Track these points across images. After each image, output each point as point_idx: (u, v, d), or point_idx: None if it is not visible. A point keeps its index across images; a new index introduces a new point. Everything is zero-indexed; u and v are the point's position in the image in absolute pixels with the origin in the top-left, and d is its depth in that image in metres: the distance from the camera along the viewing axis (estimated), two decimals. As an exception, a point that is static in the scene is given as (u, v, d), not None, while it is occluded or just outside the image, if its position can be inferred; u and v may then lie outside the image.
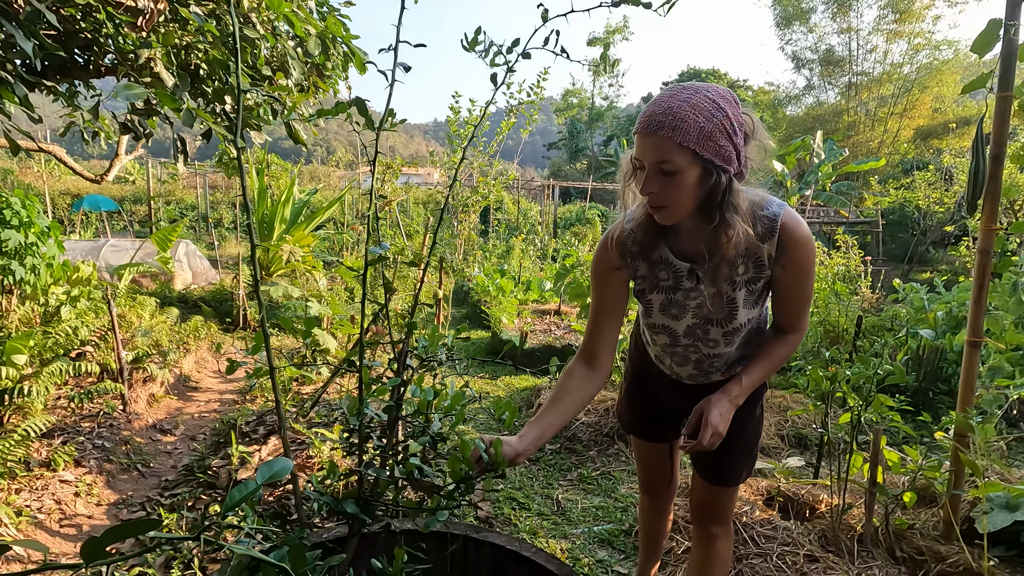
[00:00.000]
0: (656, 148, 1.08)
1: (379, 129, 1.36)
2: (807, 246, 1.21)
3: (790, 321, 1.32)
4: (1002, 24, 1.83)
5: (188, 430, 3.40)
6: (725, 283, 1.25)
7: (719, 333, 1.31)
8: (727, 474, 1.51)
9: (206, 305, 6.07)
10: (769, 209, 1.19)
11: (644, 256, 1.32)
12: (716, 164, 1.08)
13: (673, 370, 1.46)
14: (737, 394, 1.28)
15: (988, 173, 1.91)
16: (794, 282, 1.24)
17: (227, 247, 11.61)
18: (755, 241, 1.18)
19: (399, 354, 1.44)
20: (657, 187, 1.11)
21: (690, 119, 1.05)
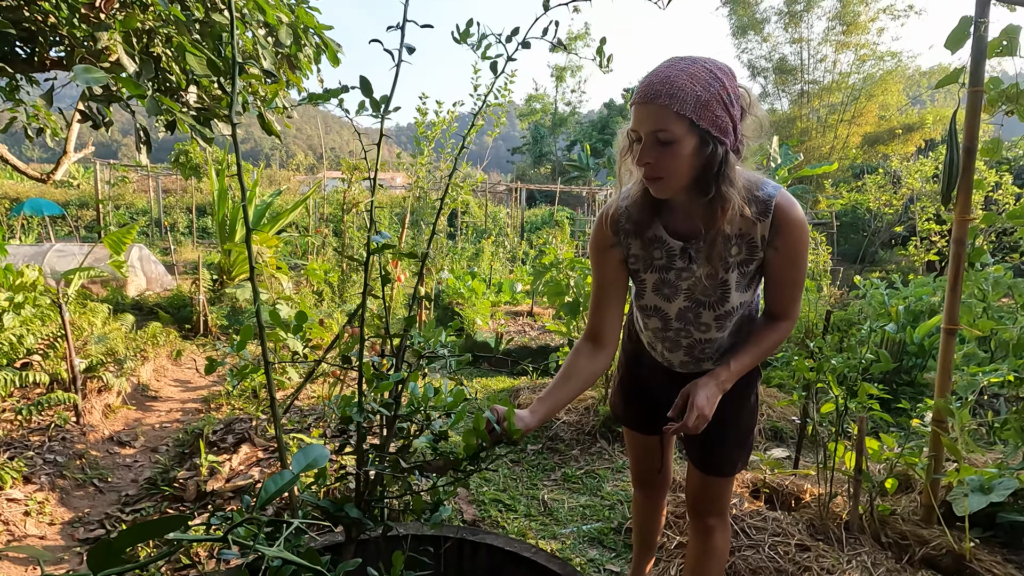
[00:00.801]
0: (653, 117, 1.07)
1: (383, 114, 1.29)
2: (801, 229, 1.20)
3: (781, 307, 1.31)
4: (972, 21, 1.90)
5: (149, 442, 3.20)
6: (718, 263, 1.23)
7: (711, 316, 1.30)
8: (722, 464, 1.49)
9: (163, 311, 5.78)
10: (764, 190, 1.19)
11: (638, 234, 1.30)
12: (712, 135, 1.07)
13: (665, 356, 1.45)
14: (725, 378, 1.26)
15: (961, 165, 1.97)
16: (787, 265, 1.23)
17: (183, 252, 11.14)
18: (749, 221, 1.18)
19: (398, 349, 1.37)
20: (654, 157, 1.10)
21: (687, 88, 1.04)
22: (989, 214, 2.07)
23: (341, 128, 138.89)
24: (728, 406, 1.36)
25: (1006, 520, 2.13)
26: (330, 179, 14.98)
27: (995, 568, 1.89)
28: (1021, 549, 2.06)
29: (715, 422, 1.34)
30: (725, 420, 1.37)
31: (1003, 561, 1.95)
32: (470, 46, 1.57)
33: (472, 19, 1.54)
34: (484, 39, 1.57)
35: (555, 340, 5.07)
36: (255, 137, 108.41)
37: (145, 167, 13.19)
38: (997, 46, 1.94)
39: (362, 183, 7.15)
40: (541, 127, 33.53)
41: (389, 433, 1.38)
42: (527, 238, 13.13)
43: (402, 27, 1.29)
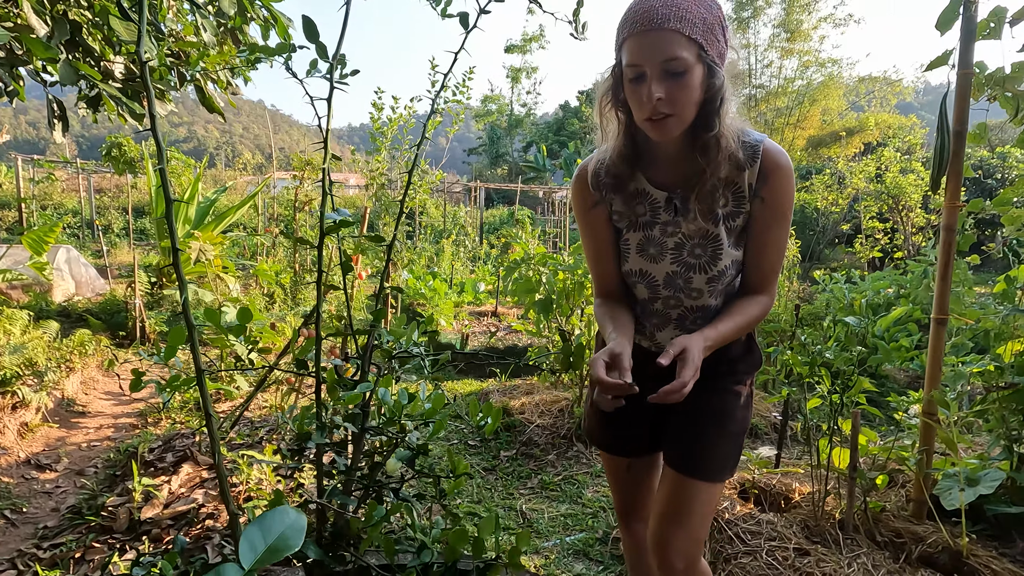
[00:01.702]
0: (662, 45, 0.96)
1: (332, 64, 1.08)
2: (788, 177, 1.11)
3: (760, 278, 1.19)
4: (962, 2, 1.84)
5: (74, 463, 2.83)
6: (707, 217, 1.13)
7: (703, 280, 1.19)
8: (708, 463, 1.20)
9: (94, 318, 5.28)
10: (750, 136, 1.11)
11: (618, 188, 1.21)
12: (716, 63, 1.00)
13: (654, 338, 1.28)
14: (711, 341, 1.07)
15: (952, 150, 1.92)
16: (771, 221, 1.13)
17: (118, 254, 10.38)
18: (737, 166, 1.09)
19: (364, 350, 1.17)
20: (664, 91, 0.98)
21: (693, 9, 0.97)
22: (976, 200, 2.03)
23: (290, 128, 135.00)
24: (722, 394, 1.25)
25: (994, 512, 2.10)
26: (279, 179, 14.34)
27: (993, 564, 1.83)
28: (1012, 542, 2.02)
29: (705, 410, 1.23)
30: (717, 414, 1.23)
31: (998, 556, 1.90)
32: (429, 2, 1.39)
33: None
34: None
35: (522, 340, 4.91)
36: (198, 136, 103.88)
37: (74, 163, 12.26)
38: (984, 28, 1.90)
39: (316, 181, 6.80)
40: (497, 128, 33.43)
41: (356, 451, 1.16)
42: (486, 239, 12.95)
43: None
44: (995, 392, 2.20)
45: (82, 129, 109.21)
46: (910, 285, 4.73)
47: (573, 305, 3.35)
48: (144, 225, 14.94)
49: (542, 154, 25.13)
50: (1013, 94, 2.01)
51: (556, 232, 12.24)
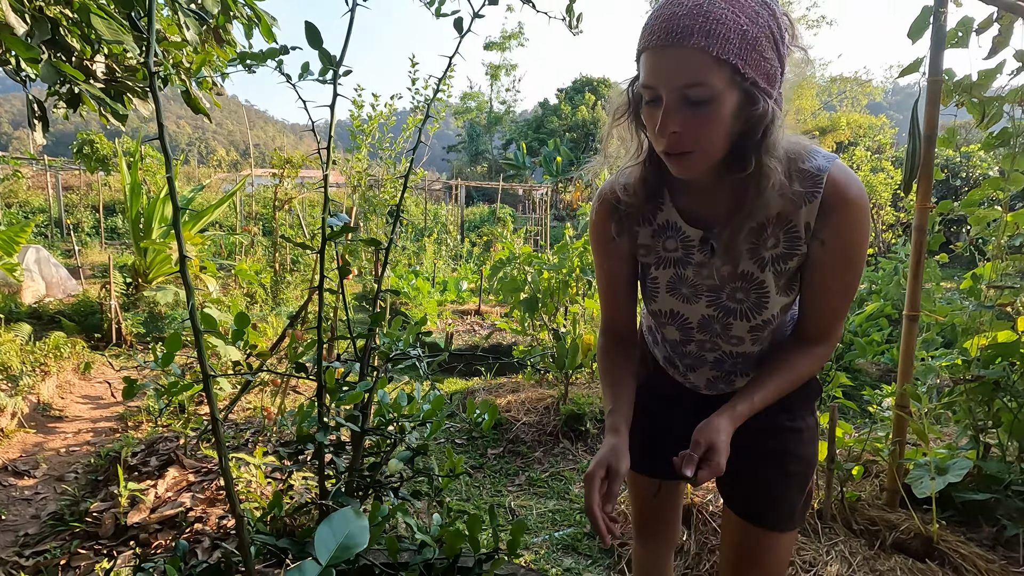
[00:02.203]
0: (682, 66, 0.75)
1: (335, 71, 1.10)
2: (859, 215, 0.87)
3: (820, 325, 0.97)
4: (933, 11, 1.92)
5: (53, 469, 2.78)
6: (748, 259, 0.94)
7: (744, 328, 1.01)
8: (776, 510, 1.08)
9: (67, 320, 5.15)
10: (813, 160, 0.87)
11: (645, 220, 1.02)
12: (760, 86, 0.78)
13: (687, 378, 1.16)
14: (743, 419, 0.93)
15: (922, 154, 2.00)
16: (836, 266, 0.91)
17: (89, 254, 10.12)
18: (792, 201, 0.87)
19: (363, 352, 1.18)
20: (681, 124, 0.79)
21: (729, 20, 0.74)
22: (946, 202, 2.12)
23: (265, 123, 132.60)
24: (779, 433, 1.09)
25: (962, 499, 2.20)
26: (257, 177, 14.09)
27: (961, 548, 1.93)
28: (979, 527, 2.12)
29: (762, 453, 1.08)
30: (776, 452, 1.08)
31: (966, 540, 2.00)
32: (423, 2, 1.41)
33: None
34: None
35: (507, 338, 4.94)
36: (169, 132, 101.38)
37: (41, 160, 11.90)
38: (953, 37, 1.98)
39: (296, 179, 6.72)
40: (476, 125, 33.40)
41: (357, 452, 1.18)
42: (467, 237, 12.94)
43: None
44: (962, 385, 2.31)
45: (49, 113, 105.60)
46: (881, 281, 4.89)
47: (558, 303, 3.39)
48: (115, 223, 14.58)
49: (522, 152, 25.19)
50: (980, 100, 2.11)
51: (537, 230, 12.30)
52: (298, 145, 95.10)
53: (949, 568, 1.87)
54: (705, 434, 0.89)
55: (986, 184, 2.21)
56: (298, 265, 6.93)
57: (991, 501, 2.15)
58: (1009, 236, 2.36)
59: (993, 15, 2.06)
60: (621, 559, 2.11)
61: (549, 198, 14.20)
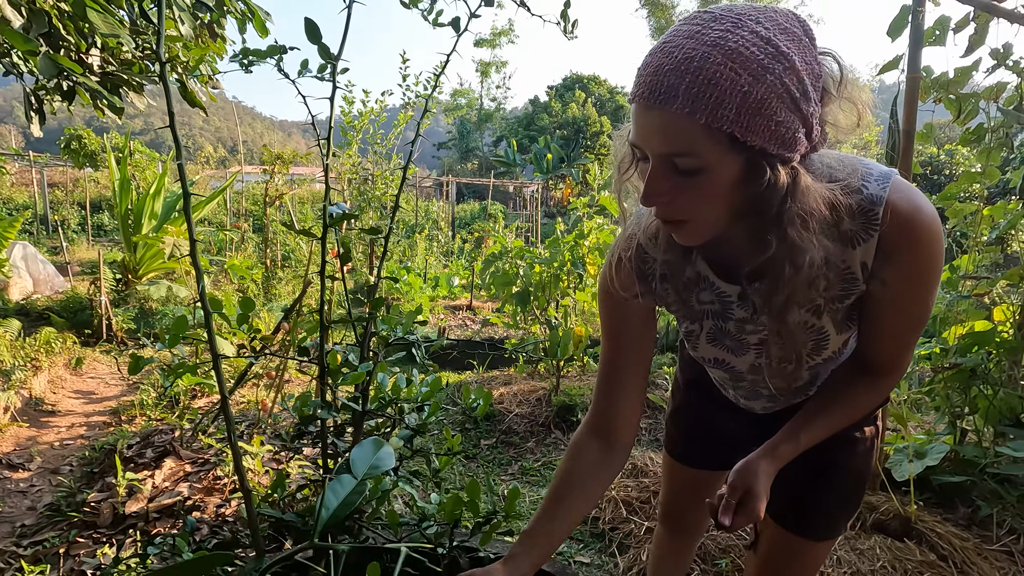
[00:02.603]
0: (666, 133, 0.65)
1: (334, 65, 1.13)
2: (929, 248, 0.72)
3: (885, 358, 0.85)
4: (911, 10, 1.99)
5: (47, 462, 2.79)
6: (800, 310, 0.80)
7: (801, 370, 0.90)
8: (816, 520, 1.02)
9: (57, 316, 5.13)
10: (866, 190, 0.72)
11: (672, 277, 0.88)
12: (770, 153, 0.64)
13: (741, 402, 1.09)
14: (785, 460, 0.86)
15: (902, 148, 2.07)
16: (903, 305, 0.78)
17: (76, 251, 10.02)
18: (843, 241, 0.74)
19: (363, 336, 1.22)
20: (669, 192, 0.69)
21: (724, 80, 0.61)
22: (923, 195, 2.19)
23: (253, 120, 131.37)
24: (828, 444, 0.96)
25: (939, 482, 2.29)
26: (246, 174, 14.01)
27: (937, 528, 2.01)
28: (955, 508, 2.21)
29: (807, 464, 0.96)
30: (824, 463, 1.01)
31: (943, 520, 2.08)
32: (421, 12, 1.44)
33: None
34: (435, 3, 1.45)
35: (499, 333, 4.99)
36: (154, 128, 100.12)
37: (26, 156, 11.75)
38: (931, 35, 2.05)
39: (286, 175, 6.72)
40: (467, 122, 33.39)
41: (357, 432, 1.23)
42: (458, 233, 12.97)
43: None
44: (940, 373, 2.39)
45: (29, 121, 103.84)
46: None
47: (549, 297, 3.44)
48: (102, 220, 14.43)
49: (512, 149, 25.23)
50: (956, 96, 2.18)
51: (528, 227, 12.36)
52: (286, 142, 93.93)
53: (926, 546, 1.95)
54: (743, 478, 0.82)
55: (962, 178, 2.29)
56: (289, 261, 6.93)
57: (967, 483, 2.24)
58: (986, 229, 2.44)
59: (970, 14, 2.13)
60: (612, 543, 2.16)
61: (540, 195, 14.26)
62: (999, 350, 2.33)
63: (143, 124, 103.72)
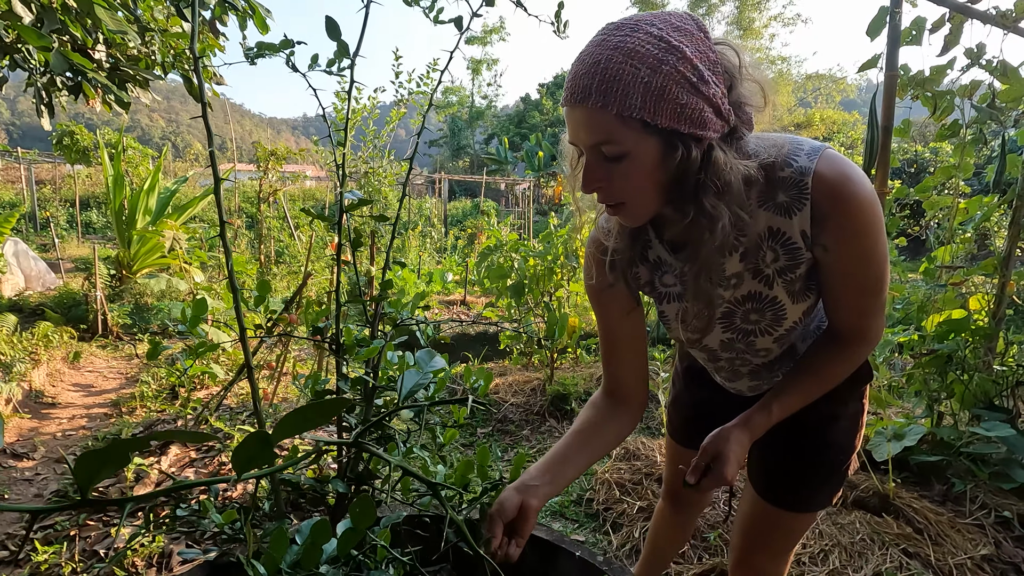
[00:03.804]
0: (588, 126, 0.75)
1: (353, 60, 1.20)
2: (860, 210, 0.78)
3: (851, 326, 0.89)
4: (889, 11, 2.09)
5: (51, 452, 2.83)
6: (752, 279, 0.89)
7: (768, 341, 0.96)
8: (798, 494, 1.07)
9: (51, 311, 5.13)
10: (794, 162, 0.79)
11: (641, 260, 0.97)
12: (682, 132, 0.73)
13: (728, 385, 1.16)
14: (759, 428, 0.91)
15: (880, 143, 2.17)
16: (849, 267, 0.83)
17: (67, 248, 9.96)
18: (778, 213, 0.82)
19: (374, 316, 1.30)
20: (603, 179, 0.78)
21: (626, 75, 0.71)
22: (901, 187, 2.29)
23: (243, 117, 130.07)
24: (815, 419, 1.04)
25: (916, 461, 2.40)
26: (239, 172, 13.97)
27: (913, 504, 2.11)
28: (931, 486, 2.32)
29: (793, 439, 1.05)
30: (809, 439, 1.05)
31: (919, 497, 2.18)
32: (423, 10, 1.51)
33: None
34: (436, 1, 1.52)
35: (492, 328, 5.06)
36: (142, 125, 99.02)
37: (13, 152, 11.64)
38: (908, 35, 2.15)
39: (280, 170, 6.75)
40: (458, 120, 33.38)
41: (368, 406, 1.30)
42: (451, 230, 13.02)
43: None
44: (919, 359, 2.50)
45: (12, 117, 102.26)
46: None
47: (543, 289, 3.52)
48: (90, 217, 14.33)
49: (504, 146, 25.27)
50: (932, 94, 2.29)
51: (520, 224, 12.43)
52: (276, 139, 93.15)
53: (903, 521, 2.06)
54: (715, 443, 0.89)
55: (939, 171, 2.39)
56: (283, 257, 6.95)
57: (943, 463, 2.35)
58: (960, 222, 2.55)
59: (945, 15, 2.24)
60: (606, 522, 2.25)
61: (531, 192, 14.33)
62: (974, 337, 2.45)
63: (129, 121, 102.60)
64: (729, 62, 0.77)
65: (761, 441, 1.08)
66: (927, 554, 1.89)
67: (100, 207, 14.53)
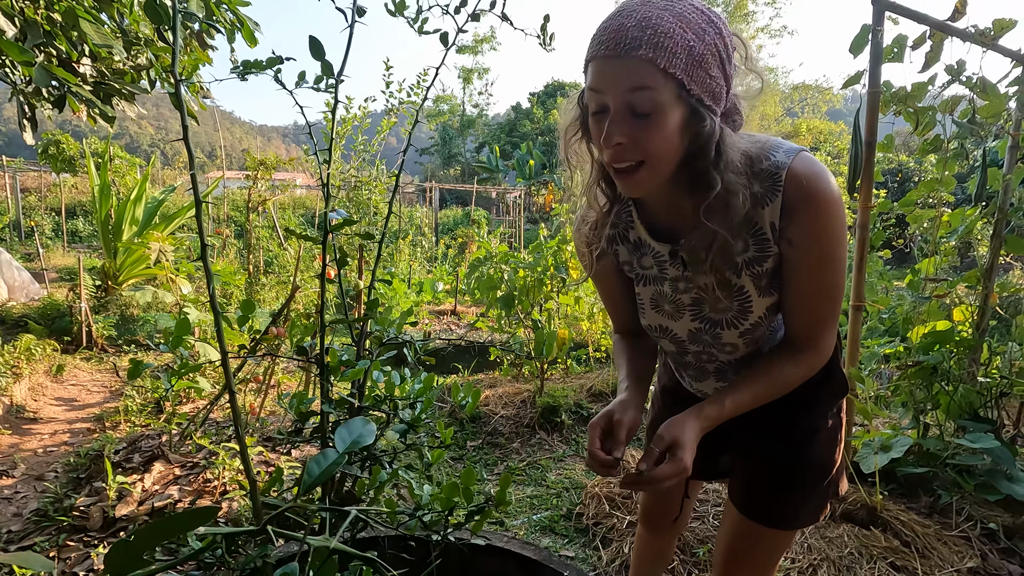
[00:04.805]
0: (630, 74, 0.75)
1: (337, 81, 1.20)
2: (826, 207, 0.82)
3: (803, 329, 0.93)
4: (871, 29, 2.12)
5: (32, 469, 2.77)
6: (724, 268, 0.90)
7: (734, 335, 0.99)
8: (780, 510, 1.06)
9: (34, 323, 5.06)
10: (772, 157, 0.83)
11: (621, 239, 1.01)
12: (705, 103, 0.77)
13: (694, 387, 1.18)
14: (711, 421, 0.92)
15: (864, 158, 2.20)
16: (810, 265, 0.86)
17: (51, 257, 9.83)
18: (754, 203, 0.85)
19: (359, 336, 1.29)
20: (627, 134, 0.78)
21: (677, 35, 0.73)
22: (884, 201, 2.32)
23: (232, 125, 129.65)
24: (793, 435, 1.05)
25: (903, 473, 2.41)
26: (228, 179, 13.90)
27: (901, 516, 2.12)
28: (917, 497, 2.33)
29: (772, 455, 1.06)
30: (789, 455, 1.06)
31: (906, 509, 2.19)
32: (407, 20, 1.51)
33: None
34: (421, 12, 1.52)
35: (483, 337, 5.05)
36: (130, 132, 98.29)
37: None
38: (889, 53, 2.19)
39: (269, 181, 6.71)
40: (449, 128, 33.48)
41: (354, 428, 1.29)
42: (442, 239, 13.01)
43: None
44: (905, 370, 2.52)
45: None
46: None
47: (533, 301, 3.52)
48: (76, 226, 14.17)
49: (495, 155, 25.31)
50: (914, 110, 2.32)
51: (511, 232, 12.45)
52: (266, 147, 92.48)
53: (891, 534, 2.06)
54: (670, 430, 0.88)
55: (922, 186, 2.43)
56: (272, 267, 6.91)
57: (929, 474, 2.36)
58: (944, 233, 2.59)
59: (926, 33, 2.28)
60: (595, 537, 2.24)
61: (522, 201, 14.36)
62: (959, 348, 2.48)
63: (118, 128, 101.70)
64: (739, 53, 0.83)
65: (742, 457, 1.14)
66: (914, 567, 1.90)
67: (87, 215, 14.38)
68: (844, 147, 15.48)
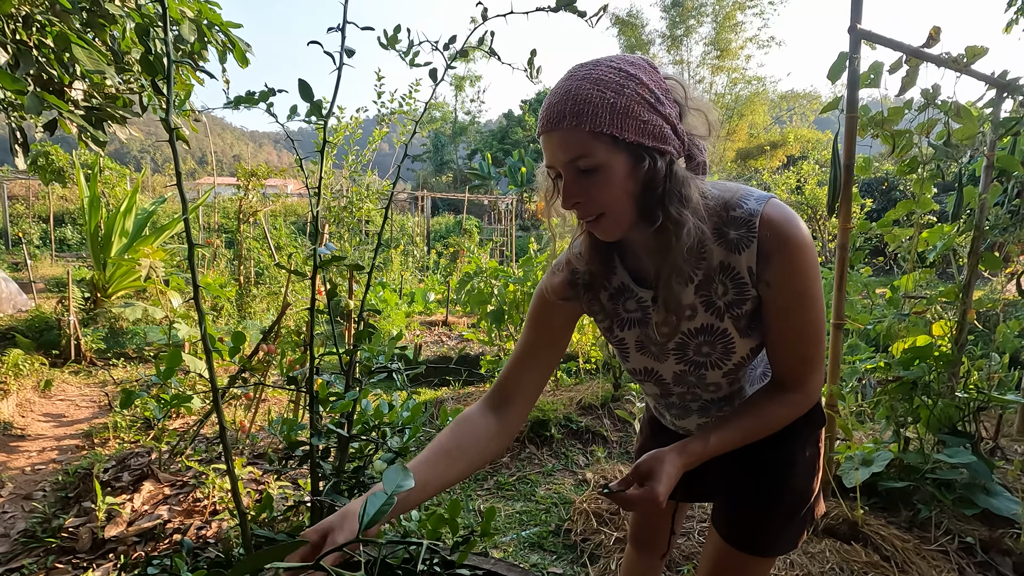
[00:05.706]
0: (564, 145, 0.83)
1: (326, 118, 1.23)
2: (800, 252, 0.88)
3: (791, 371, 0.96)
4: (848, 56, 2.19)
5: (19, 488, 2.76)
6: (705, 312, 0.96)
7: (718, 375, 1.02)
8: (760, 537, 1.10)
9: (22, 336, 5.03)
10: (745, 205, 0.89)
11: (601, 286, 1.04)
12: (647, 146, 0.83)
13: (677, 425, 1.20)
14: (694, 457, 0.93)
15: (842, 181, 2.26)
16: (788, 306, 0.91)
17: (40, 267, 9.76)
18: (730, 248, 0.90)
19: (349, 365, 1.32)
20: (581, 194, 0.86)
21: (595, 97, 0.81)
22: (864, 223, 2.38)
23: (223, 131, 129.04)
24: (772, 466, 1.08)
25: (884, 487, 2.46)
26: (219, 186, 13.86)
27: (882, 531, 2.17)
28: (898, 511, 2.38)
29: (752, 485, 1.10)
30: (768, 485, 1.09)
31: (887, 524, 2.24)
32: (399, 53, 1.55)
33: (400, 25, 1.53)
34: (413, 46, 1.56)
35: (474, 348, 5.08)
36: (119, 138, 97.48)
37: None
38: (866, 78, 2.25)
39: (261, 191, 6.72)
40: (441, 135, 33.59)
41: (343, 456, 1.31)
42: (433, 247, 13.03)
43: (342, 29, 1.24)
44: (885, 385, 2.57)
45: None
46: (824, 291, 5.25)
47: (523, 315, 3.56)
48: (65, 235, 14.06)
49: (487, 162, 25.32)
50: (891, 133, 2.39)
51: (503, 240, 12.49)
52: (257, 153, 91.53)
53: (871, 548, 2.11)
54: (648, 462, 0.92)
55: (900, 206, 2.49)
56: (263, 277, 6.90)
57: (909, 488, 2.41)
58: (921, 251, 2.65)
59: (902, 58, 2.34)
60: (584, 553, 2.27)
61: (514, 208, 14.42)
62: (938, 363, 2.53)
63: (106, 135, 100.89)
64: (677, 94, 0.88)
65: (724, 487, 1.17)
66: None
67: (75, 223, 14.28)
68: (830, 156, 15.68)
